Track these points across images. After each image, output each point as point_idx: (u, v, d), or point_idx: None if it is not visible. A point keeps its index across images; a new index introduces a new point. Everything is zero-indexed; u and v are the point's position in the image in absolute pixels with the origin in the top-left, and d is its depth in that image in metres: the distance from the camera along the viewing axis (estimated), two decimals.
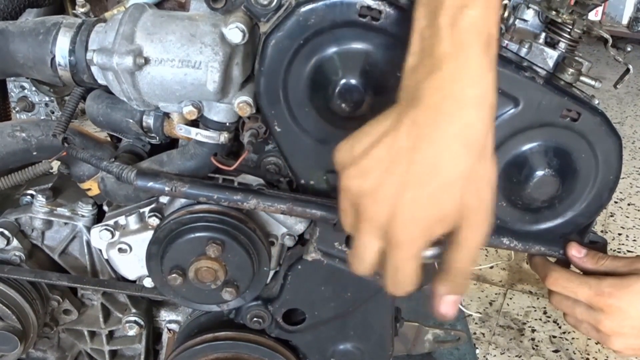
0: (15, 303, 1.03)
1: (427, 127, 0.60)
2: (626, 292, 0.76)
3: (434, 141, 0.60)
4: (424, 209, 0.61)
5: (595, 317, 0.79)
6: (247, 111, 0.84)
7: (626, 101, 4.14)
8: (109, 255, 1.02)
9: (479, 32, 0.61)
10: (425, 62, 0.62)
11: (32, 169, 0.96)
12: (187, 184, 0.88)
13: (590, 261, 0.85)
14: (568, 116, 0.83)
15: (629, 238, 2.65)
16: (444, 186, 0.61)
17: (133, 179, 0.87)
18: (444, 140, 0.60)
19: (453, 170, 0.61)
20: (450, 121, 0.60)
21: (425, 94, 0.61)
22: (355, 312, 1.05)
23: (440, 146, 0.60)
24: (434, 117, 0.60)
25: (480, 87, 0.61)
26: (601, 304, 0.78)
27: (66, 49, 0.85)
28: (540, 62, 0.86)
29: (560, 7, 0.86)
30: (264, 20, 0.82)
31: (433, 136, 0.60)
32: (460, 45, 0.61)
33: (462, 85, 0.60)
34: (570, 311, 0.84)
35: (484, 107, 0.61)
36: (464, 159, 0.61)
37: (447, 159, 0.60)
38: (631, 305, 0.76)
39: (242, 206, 0.90)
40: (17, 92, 2.51)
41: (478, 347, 1.99)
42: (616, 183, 0.89)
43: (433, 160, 0.60)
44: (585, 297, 0.80)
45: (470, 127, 0.60)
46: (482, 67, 0.61)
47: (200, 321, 1.11)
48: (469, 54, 0.60)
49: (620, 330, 0.78)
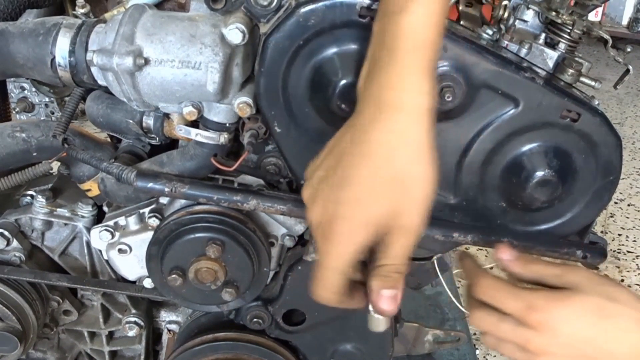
0: (15, 304, 1.03)
1: (363, 132, 0.63)
2: (560, 306, 0.67)
3: (366, 146, 0.63)
4: (353, 209, 0.63)
5: (523, 335, 0.69)
6: (247, 112, 0.84)
7: (626, 102, 4.14)
8: (109, 256, 1.02)
9: (415, 38, 0.62)
10: (370, 68, 0.65)
11: (32, 169, 0.96)
12: (187, 185, 0.88)
13: (517, 265, 0.75)
14: (568, 117, 0.83)
15: (629, 239, 2.65)
16: (374, 188, 0.63)
17: (133, 180, 0.88)
18: (375, 145, 0.63)
19: (385, 174, 0.63)
20: (382, 127, 0.63)
21: (365, 100, 0.64)
22: (355, 313, 1.05)
23: (371, 150, 0.63)
24: (369, 122, 0.63)
25: (412, 92, 0.62)
26: (532, 319, 0.68)
27: (66, 50, 0.85)
28: (540, 62, 0.86)
29: (560, 8, 0.86)
30: (264, 21, 0.82)
31: (365, 140, 0.63)
32: (395, 51, 0.62)
33: (394, 91, 0.62)
34: (494, 328, 0.72)
35: (417, 113, 0.63)
36: (395, 164, 0.63)
37: (380, 165, 0.63)
38: (564, 322, 0.67)
39: (242, 207, 0.90)
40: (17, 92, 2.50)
41: (478, 347, 1.99)
42: (616, 184, 0.89)
43: (367, 167, 0.63)
44: (514, 309, 0.69)
45: (402, 133, 0.63)
46: (416, 73, 0.62)
47: (200, 322, 1.11)
48: (404, 60, 0.62)
49: (549, 349, 0.68)
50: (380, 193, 0.63)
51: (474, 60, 0.79)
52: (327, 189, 0.65)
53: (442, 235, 0.88)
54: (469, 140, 0.85)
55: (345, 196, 0.63)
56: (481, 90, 0.81)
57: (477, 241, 0.90)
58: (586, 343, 0.67)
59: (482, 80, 0.80)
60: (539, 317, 0.67)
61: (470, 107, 0.83)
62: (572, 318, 0.67)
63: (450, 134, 0.85)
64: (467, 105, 0.82)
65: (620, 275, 2.42)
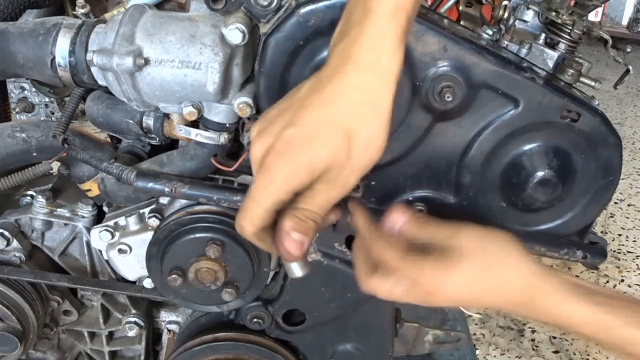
0: (15, 304, 1.03)
1: (324, 83, 0.64)
2: (447, 276, 0.67)
3: (325, 93, 0.64)
4: (296, 149, 0.64)
5: (416, 297, 0.69)
6: (247, 112, 0.84)
7: (626, 102, 4.15)
8: (109, 256, 1.02)
9: (391, 1, 0.63)
10: (342, 28, 0.66)
11: (32, 169, 0.96)
12: (187, 185, 0.88)
13: (412, 227, 0.72)
14: (568, 117, 0.83)
15: (629, 239, 2.65)
16: (321, 134, 0.63)
17: (133, 180, 0.88)
18: (334, 94, 0.64)
19: (334, 122, 0.64)
20: (344, 81, 0.63)
21: (333, 55, 0.65)
22: (355, 313, 1.05)
23: (328, 98, 0.64)
24: (332, 75, 0.64)
25: (377, 51, 0.63)
26: (423, 288, 0.68)
27: (66, 50, 0.85)
28: (540, 62, 0.86)
29: (560, 8, 0.86)
30: (264, 21, 0.82)
31: (325, 91, 0.64)
32: (367, 12, 0.63)
33: (360, 48, 0.63)
34: (389, 294, 0.71)
35: (385, 74, 0.64)
36: (348, 117, 0.64)
37: (332, 113, 0.64)
38: (452, 290, 0.67)
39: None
40: (17, 93, 2.50)
41: (478, 348, 1.99)
42: (616, 184, 0.89)
43: (319, 110, 0.64)
44: (408, 276, 0.69)
45: (364, 90, 0.64)
46: (384, 33, 0.63)
47: (200, 322, 1.11)
48: (374, 19, 0.63)
49: (442, 304, 0.69)
50: (326, 140, 0.63)
51: (474, 61, 0.79)
52: (276, 127, 0.65)
53: None
54: (469, 140, 0.85)
55: (291, 134, 0.64)
56: (481, 90, 0.81)
57: None
58: (474, 302, 0.69)
59: (482, 81, 0.80)
60: (429, 286, 0.68)
61: (471, 107, 0.83)
62: (458, 286, 0.68)
63: (451, 134, 0.85)
64: (467, 105, 0.82)
65: (621, 275, 2.42)
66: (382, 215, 0.74)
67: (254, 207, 0.66)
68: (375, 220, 0.74)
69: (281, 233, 0.66)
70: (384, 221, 0.73)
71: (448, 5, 1.00)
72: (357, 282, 0.74)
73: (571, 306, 0.66)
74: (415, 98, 0.81)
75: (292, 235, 0.65)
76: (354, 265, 0.76)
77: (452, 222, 0.71)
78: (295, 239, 0.65)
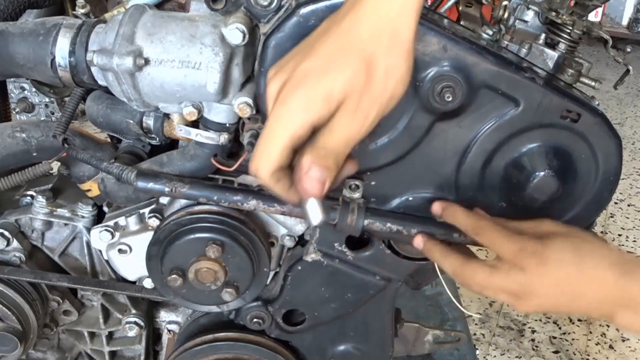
0: (15, 304, 1.03)
1: (342, 15, 0.64)
2: (548, 245, 0.71)
3: (342, 26, 0.63)
4: (313, 78, 0.62)
5: (514, 280, 0.72)
6: (247, 112, 0.84)
7: (626, 102, 4.15)
8: (109, 256, 1.02)
9: None
10: None
11: (32, 169, 0.96)
12: (187, 185, 0.88)
13: (501, 221, 0.78)
14: (568, 117, 0.83)
15: (629, 239, 2.65)
16: (339, 62, 0.62)
17: (133, 180, 0.88)
18: (350, 25, 0.63)
19: (352, 50, 0.62)
20: (363, 10, 0.62)
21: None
22: (355, 313, 1.05)
23: (345, 30, 0.63)
24: (351, 7, 0.63)
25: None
26: (524, 261, 0.72)
27: (66, 50, 0.85)
28: (540, 63, 0.86)
29: (560, 8, 0.86)
30: (264, 21, 0.82)
31: (343, 22, 0.63)
32: None
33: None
34: (486, 282, 0.74)
35: (407, 6, 0.62)
36: (366, 44, 0.62)
37: (350, 41, 0.62)
38: (552, 261, 0.70)
39: (242, 207, 0.90)
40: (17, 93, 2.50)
41: (478, 348, 1.99)
42: (616, 184, 0.89)
43: (336, 41, 0.63)
44: (508, 251, 0.73)
45: (381, 18, 0.62)
46: None
47: (200, 322, 1.11)
48: None
49: (535, 290, 0.71)
50: (343, 68, 0.62)
51: (474, 61, 0.79)
52: (291, 63, 0.64)
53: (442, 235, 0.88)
54: (469, 140, 0.85)
55: (307, 66, 0.62)
56: (481, 90, 0.81)
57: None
58: (566, 281, 0.71)
59: (482, 81, 0.80)
60: (531, 259, 0.71)
61: (471, 108, 0.83)
62: (557, 257, 0.70)
63: (451, 134, 0.85)
64: (467, 105, 0.82)
65: None
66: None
67: (271, 143, 0.63)
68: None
69: (300, 171, 0.62)
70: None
71: (448, 5, 1.00)
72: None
73: None
74: (415, 98, 0.81)
75: (312, 171, 0.62)
76: (436, 259, 0.81)
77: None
78: (315, 177, 0.62)
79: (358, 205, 0.87)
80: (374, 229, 0.89)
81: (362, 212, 0.87)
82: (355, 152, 0.65)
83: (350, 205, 0.87)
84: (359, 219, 0.87)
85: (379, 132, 0.85)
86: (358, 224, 0.87)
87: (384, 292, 1.02)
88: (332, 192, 0.69)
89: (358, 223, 0.87)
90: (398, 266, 0.98)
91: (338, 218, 0.86)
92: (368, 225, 0.88)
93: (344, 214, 0.86)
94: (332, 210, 0.75)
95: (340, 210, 0.86)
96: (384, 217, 0.89)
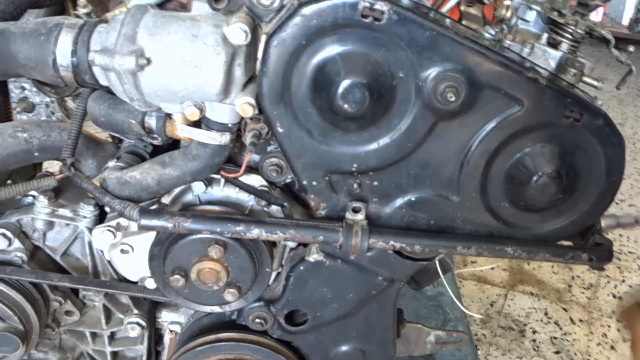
0: (17, 304, 1.03)
1: None
2: None
3: None
4: None
5: None
6: (250, 112, 0.84)
7: (627, 102, 4.15)
8: (111, 256, 1.01)
9: None
10: None
11: (37, 182, 0.95)
12: (189, 219, 0.88)
13: None
14: (571, 117, 0.83)
15: (630, 239, 2.65)
16: None
17: (136, 217, 0.87)
18: None
19: None
20: None
21: None
22: (357, 314, 1.05)
23: None
24: None
25: None
26: None
27: (68, 50, 0.85)
28: (542, 62, 0.86)
29: (563, 8, 0.86)
30: (267, 20, 0.82)
31: None
32: None
33: None
34: None
35: None
36: None
37: None
38: None
39: (245, 237, 0.89)
40: (18, 92, 2.49)
41: (479, 348, 1.98)
42: (619, 184, 0.89)
43: None
44: None
45: None
46: None
47: (202, 322, 1.11)
48: None
49: None
50: None
51: (477, 61, 0.79)
52: None
53: (445, 248, 0.89)
54: (472, 140, 0.85)
55: None
56: (484, 90, 0.81)
57: (482, 252, 0.90)
58: None
59: (485, 81, 0.80)
60: None
61: (473, 107, 0.82)
62: None
63: (453, 134, 0.85)
64: (470, 105, 0.82)
65: (622, 276, 2.42)
66: None
67: None
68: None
69: None
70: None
71: (450, 5, 1.00)
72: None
73: None
74: (417, 98, 0.81)
75: None
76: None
77: None
78: None
79: (362, 228, 0.88)
80: (377, 248, 0.90)
81: (365, 234, 0.87)
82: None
83: (354, 228, 0.88)
84: (362, 241, 0.87)
85: (382, 132, 0.85)
86: (363, 246, 0.87)
87: (386, 293, 1.02)
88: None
89: (362, 245, 0.87)
90: (400, 267, 0.98)
91: (342, 241, 0.87)
92: (371, 245, 0.89)
93: (347, 237, 0.87)
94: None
95: (343, 232, 0.87)
96: (386, 236, 0.89)
